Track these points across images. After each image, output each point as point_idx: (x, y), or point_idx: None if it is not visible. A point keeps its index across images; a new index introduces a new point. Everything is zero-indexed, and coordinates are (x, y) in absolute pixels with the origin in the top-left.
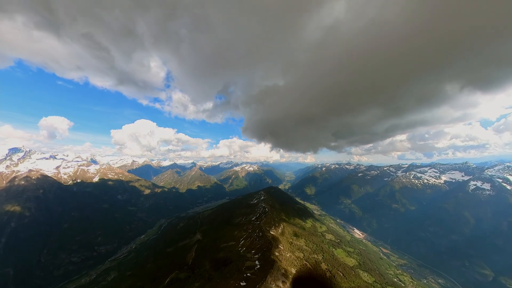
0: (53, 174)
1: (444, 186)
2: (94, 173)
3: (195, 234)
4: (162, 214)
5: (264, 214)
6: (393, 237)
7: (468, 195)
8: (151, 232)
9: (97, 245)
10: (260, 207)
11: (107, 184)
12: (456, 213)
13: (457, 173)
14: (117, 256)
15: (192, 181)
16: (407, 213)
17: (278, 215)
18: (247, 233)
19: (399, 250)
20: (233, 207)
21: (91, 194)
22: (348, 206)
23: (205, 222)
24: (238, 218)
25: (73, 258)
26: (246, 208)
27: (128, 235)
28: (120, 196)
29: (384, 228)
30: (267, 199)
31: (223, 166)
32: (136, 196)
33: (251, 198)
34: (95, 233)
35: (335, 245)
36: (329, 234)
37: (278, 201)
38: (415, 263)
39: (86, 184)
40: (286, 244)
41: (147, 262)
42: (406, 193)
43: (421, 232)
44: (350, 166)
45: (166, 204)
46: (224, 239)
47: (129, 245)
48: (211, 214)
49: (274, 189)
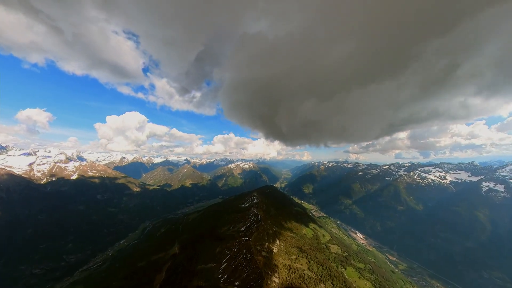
0: (24, 172)
1: (450, 187)
2: (72, 171)
3: (172, 246)
4: (148, 216)
5: (255, 223)
6: (399, 243)
7: (481, 198)
8: (133, 236)
9: (66, 253)
10: (251, 214)
11: (86, 183)
12: (470, 217)
13: (462, 173)
14: (89, 265)
15: (183, 179)
16: (414, 215)
17: (273, 224)
18: (232, 252)
19: (406, 258)
20: (221, 211)
21: (66, 194)
22: (349, 207)
23: (187, 229)
24: (225, 226)
25: (35, 270)
26: (236, 213)
27: (105, 240)
28: (100, 196)
29: (389, 231)
30: (261, 203)
31: (218, 163)
32: (119, 195)
33: (243, 200)
34: (64, 239)
35: (343, 262)
36: (334, 245)
37: (273, 204)
38: (426, 273)
39: (62, 183)
40: (283, 271)
41: (114, 279)
42: (412, 194)
43: (431, 238)
44: (348, 165)
45: (153, 205)
46: (203, 258)
47: (105, 252)
48: (196, 218)
49: (270, 189)
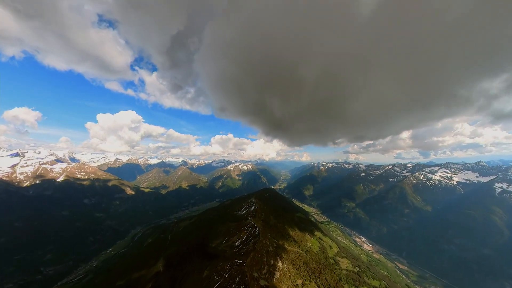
0: (4, 174)
1: (458, 188)
2: (59, 173)
3: (157, 261)
4: (139, 221)
5: (252, 238)
6: (408, 249)
7: (495, 200)
8: (121, 244)
9: (45, 265)
10: (248, 225)
11: (73, 186)
12: (485, 221)
13: (470, 173)
14: (69, 278)
15: (179, 181)
16: (423, 219)
17: (273, 237)
18: (222, 278)
19: (417, 266)
20: (214, 219)
21: (50, 198)
22: (353, 210)
23: (176, 240)
24: (217, 239)
25: (8, 284)
26: (231, 221)
27: (90, 249)
28: (88, 200)
29: (396, 237)
30: (259, 210)
31: (216, 164)
32: (109, 199)
33: (239, 206)
34: (43, 249)
35: (355, 280)
36: (343, 258)
37: (273, 210)
38: (440, 282)
39: (46, 186)
40: None
41: None
42: (419, 196)
43: (444, 244)
44: (348, 165)
45: (145, 209)
46: (188, 282)
47: (89, 262)
48: (186, 227)
49: (269, 192)
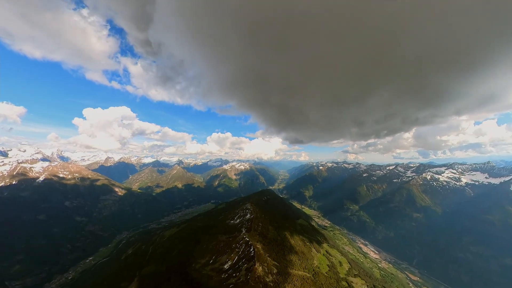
0: None
1: (467, 190)
2: (39, 172)
3: (131, 281)
4: (126, 226)
5: (246, 262)
6: (419, 257)
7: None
8: (104, 252)
9: (11, 278)
10: (241, 242)
11: (54, 187)
12: (505, 227)
13: (478, 174)
14: None
15: (172, 181)
16: (434, 224)
17: (272, 258)
18: None
19: (431, 277)
20: (203, 229)
21: (26, 200)
22: (356, 213)
23: (156, 254)
24: (203, 258)
25: None
26: (222, 233)
27: (67, 258)
28: (69, 202)
29: (405, 243)
30: (255, 220)
31: (212, 164)
32: (93, 201)
33: (233, 213)
34: (10, 259)
35: None
36: (356, 277)
37: (272, 219)
38: None
39: (23, 187)
40: None
41: None
42: (428, 199)
43: (458, 252)
44: (349, 165)
45: (133, 212)
46: None
47: (65, 274)
48: (171, 237)
49: (267, 195)
